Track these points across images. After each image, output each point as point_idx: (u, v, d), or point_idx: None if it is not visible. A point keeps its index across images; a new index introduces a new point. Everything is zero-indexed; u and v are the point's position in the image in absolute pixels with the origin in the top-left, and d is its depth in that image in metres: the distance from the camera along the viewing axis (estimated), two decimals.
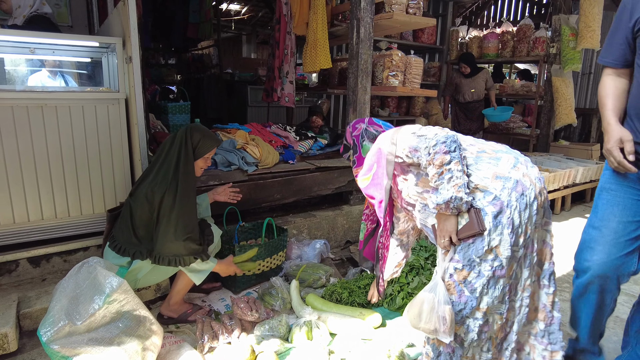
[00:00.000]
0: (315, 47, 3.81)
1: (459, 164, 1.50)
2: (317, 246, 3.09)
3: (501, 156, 1.58)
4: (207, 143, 2.26)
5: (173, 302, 2.32)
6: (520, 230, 1.51)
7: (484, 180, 1.54)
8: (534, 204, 1.51)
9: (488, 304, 1.54)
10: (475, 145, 1.66)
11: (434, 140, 1.53)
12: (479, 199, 1.53)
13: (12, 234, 2.41)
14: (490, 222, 1.50)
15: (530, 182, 1.51)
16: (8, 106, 2.34)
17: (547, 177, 4.32)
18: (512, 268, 1.54)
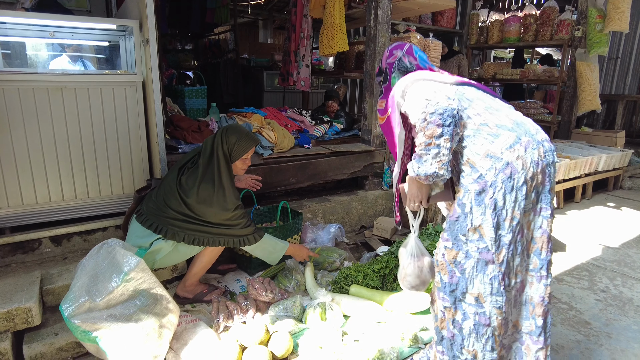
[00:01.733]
0: (332, 30, 3.76)
1: (448, 141, 1.48)
2: (332, 230, 3.10)
3: (501, 133, 1.51)
4: (243, 145, 2.26)
5: (189, 284, 2.36)
6: (505, 214, 1.49)
7: (475, 156, 1.53)
8: (522, 188, 1.47)
9: (480, 290, 1.54)
10: (481, 116, 1.56)
11: (433, 107, 1.48)
12: (466, 174, 1.55)
13: (35, 214, 2.48)
14: (472, 200, 1.51)
15: (523, 165, 1.47)
16: (29, 89, 2.37)
17: (567, 165, 4.22)
18: (502, 254, 1.51)
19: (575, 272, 2.93)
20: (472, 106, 1.58)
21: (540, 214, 1.54)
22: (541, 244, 1.55)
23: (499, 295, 1.53)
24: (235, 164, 2.29)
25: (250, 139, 2.31)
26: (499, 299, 1.53)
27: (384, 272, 2.52)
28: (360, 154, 3.60)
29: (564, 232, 3.69)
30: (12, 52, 3.55)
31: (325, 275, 2.61)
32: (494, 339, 1.57)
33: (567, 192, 4.51)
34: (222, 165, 2.21)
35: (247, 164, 2.36)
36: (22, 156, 2.39)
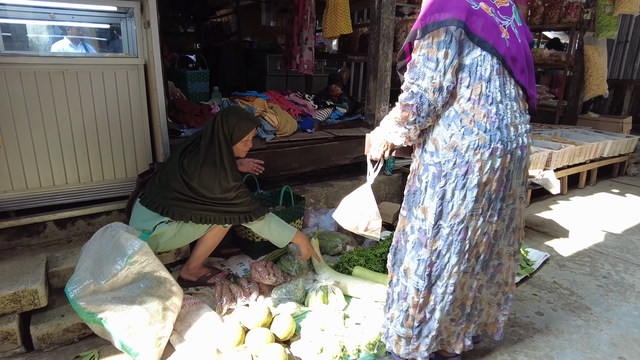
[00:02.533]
0: (336, 12, 3.70)
1: (417, 129, 1.54)
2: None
3: (475, 131, 1.48)
4: (243, 127, 2.25)
5: (193, 267, 2.38)
6: (451, 207, 1.53)
7: (442, 141, 1.53)
8: (473, 190, 1.50)
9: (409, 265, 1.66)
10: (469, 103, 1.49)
11: (416, 88, 1.47)
12: (429, 152, 1.57)
13: (39, 197, 2.49)
14: (428, 181, 1.58)
15: (480, 169, 1.49)
16: (31, 72, 2.36)
17: (572, 150, 4.19)
18: (437, 245, 1.58)
19: (577, 258, 2.93)
20: (472, 86, 1.49)
21: (488, 219, 1.57)
22: (483, 249, 1.62)
23: (421, 279, 1.62)
24: (237, 146, 2.29)
25: (251, 120, 2.30)
26: (420, 282, 1.63)
27: (386, 257, 2.53)
28: (364, 138, 3.57)
29: (566, 218, 3.68)
30: (13, 34, 3.52)
31: (328, 260, 2.62)
32: (407, 315, 1.69)
33: (572, 178, 4.49)
34: (223, 147, 2.21)
35: (248, 146, 2.35)
36: (25, 139, 2.39)
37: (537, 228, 3.44)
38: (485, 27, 1.47)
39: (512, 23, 1.58)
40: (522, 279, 2.58)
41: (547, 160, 3.99)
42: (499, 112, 1.51)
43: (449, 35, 1.43)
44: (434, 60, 1.44)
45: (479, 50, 1.48)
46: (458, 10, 1.44)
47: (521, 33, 1.61)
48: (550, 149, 4.09)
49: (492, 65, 1.49)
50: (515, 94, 1.58)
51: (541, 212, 3.80)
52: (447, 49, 1.43)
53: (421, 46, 1.47)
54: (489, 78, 1.49)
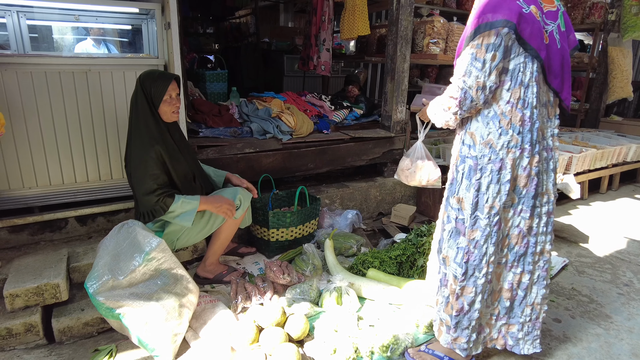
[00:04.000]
0: (354, 13, 3.70)
1: (457, 119, 1.67)
2: (349, 216, 3.11)
3: (509, 132, 1.59)
4: (159, 85, 2.09)
5: (209, 263, 2.41)
6: (486, 200, 1.63)
7: (479, 137, 1.63)
8: (506, 184, 1.61)
9: (448, 253, 1.75)
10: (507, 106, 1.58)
11: (461, 83, 1.57)
12: (467, 145, 1.68)
13: (62, 194, 2.56)
14: (464, 173, 1.68)
15: (512, 166, 1.60)
16: (56, 72, 2.43)
17: (593, 154, 4.09)
18: (475, 234, 1.66)
19: (598, 265, 2.86)
20: (511, 90, 1.58)
21: (520, 214, 1.66)
22: (515, 241, 1.69)
23: (459, 267, 1.70)
24: (162, 108, 2.13)
25: (165, 76, 2.14)
26: (458, 269, 1.70)
27: (401, 259, 2.53)
28: (380, 140, 3.57)
29: (587, 223, 3.60)
30: (39, 35, 3.62)
31: (343, 261, 2.62)
32: (447, 302, 1.76)
33: (593, 182, 4.39)
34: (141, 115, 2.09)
35: (175, 105, 2.17)
36: (49, 137, 2.47)
37: (556, 233, 3.37)
38: (532, 33, 1.54)
39: (555, 28, 1.63)
40: None
41: (567, 164, 3.91)
42: (532, 116, 1.60)
43: (499, 38, 1.51)
44: (480, 61, 1.53)
45: (522, 57, 1.56)
46: (510, 13, 1.50)
47: (563, 38, 1.66)
48: (571, 153, 4.00)
49: (532, 72, 1.58)
50: (546, 99, 1.67)
51: (560, 217, 3.72)
52: (495, 51, 1.52)
53: (471, 45, 1.55)
54: (527, 84, 1.59)
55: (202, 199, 2.18)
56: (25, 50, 2.80)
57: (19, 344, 1.91)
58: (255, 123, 3.13)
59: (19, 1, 2.55)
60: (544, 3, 1.62)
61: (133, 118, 2.14)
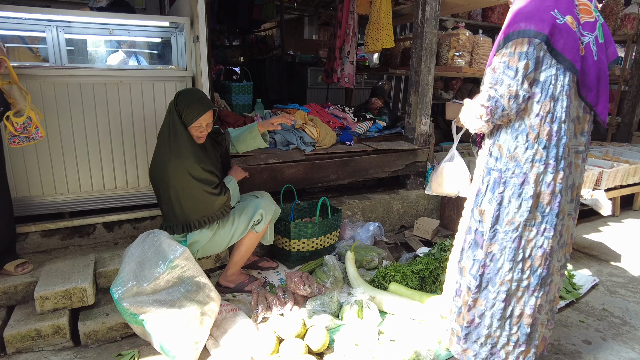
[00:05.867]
0: (378, 26, 3.72)
1: (490, 125, 1.62)
2: (371, 229, 3.08)
3: (534, 147, 1.56)
4: (193, 111, 2.09)
5: (230, 273, 2.43)
6: (507, 214, 1.61)
7: (505, 149, 1.61)
8: (528, 200, 1.57)
9: (465, 264, 1.75)
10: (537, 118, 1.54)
11: (493, 92, 1.54)
12: (495, 156, 1.65)
13: (91, 201, 2.64)
14: (489, 185, 1.66)
15: (535, 182, 1.56)
16: (89, 83, 2.53)
17: (625, 170, 3.95)
18: (493, 248, 1.64)
19: (631, 285, 2.74)
20: (541, 103, 1.53)
21: (543, 234, 1.61)
22: (539, 262, 1.63)
23: (474, 279, 1.69)
24: (190, 130, 2.14)
25: (203, 103, 2.12)
26: (472, 281, 1.69)
27: (424, 274, 2.48)
28: (403, 152, 3.55)
29: (618, 241, 3.47)
30: (75, 48, 3.78)
31: (364, 274, 2.60)
32: (460, 312, 1.75)
33: (625, 199, 4.23)
34: (172, 132, 2.11)
35: (202, 133, 2.17)
36: (80, 146, 2.56)
37: (585, 250, 3.26)
38: (566, 44, 1.50)
39: (592, 40, 1.59)
40: (567, 304, 2.45)
41: (597, 179, 3.78)
42: (560, 131, 1.56)
43: (532, 47, 1.48)
44: (513, 69, 1.49)
45: (554, 69, 1.52)
46: (542, 24, 1.48)
47: (600, 50, 1.61)
48: (601, 168, 3.88)
49: (563, 86, 1.53)
50: (575, 114, 1.61)
51: (589, 234, 3.60)
52: (528, 60, 1.49)
53: (503, 53, 1.53)
54: (557, 97, 1.54)
55: (230, 175, 2.45)
56: (63, 62, 2.92)
57: (47, 345, 1.97)
58: (278, 134, 3.16)
59: (59, 17, 2.68)
60: (581, 14, 1.58)
61: (170, 132, 2.14)
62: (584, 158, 1.69)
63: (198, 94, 2.21)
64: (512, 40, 1.51)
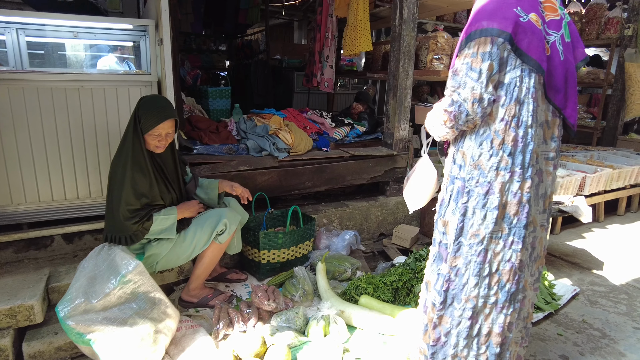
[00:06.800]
0: (355, 29, 3.64)
1: (454, 132, 1.52)
2: (347, 237, 2.98)
3: (499, 153, 1.45)
4: (151, 118, 2.01)
5: (193, 287, 2.32)
6: (471, 225, 1.50)
7: (469, 157, 1.51)
8: (494, 211, 1.47)
9: (429, 278, 1.65)
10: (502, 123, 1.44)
11: (456, 96, 1.45)
12: (459, 164, 1.55)
13: (51, 211, 2.51)
14: (452, 194, 1.56)
15: (501, 191, 1.46)
16: (47, 88, 2.41)
17: (609, 174, 3.89)
18: (457, 262, 1.54)
19: (612, 295, 2.66)
20: (506, 107, 1.43)
21: (511, 247, 1.49)
22: (507, 277, 1.51)
23: (438, 295, 1.58)
24: (146, 138, 2.06)
25: (162, 112, 2.04)
26: (437, 297, 1.58)
27: (397, 285, 2.39)
28: (381, 158, 3.46)
29: (601, 248, 3.39)
30: (46, 52, 3.66)
31: (336, 286, 2.50)
32: (425, 329, 1.65)
33: (609, 204, 4.17)
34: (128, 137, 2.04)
35: (160, 142, 2.08)
36: (39, 154, 2.43)
37: (567, 258, 3.18)
38: (531, 43, 1.40)
39: (558, 38, 1.49)
40: (545, 316, 2.36)
41: (580, 184, 3.72)
42: (526, 136, 1.45)
43: (495, 46, 1.38)
44: (476, 71, 1.40)
45: (519, 71, 1.42)
46: (505, 21, 1.38)
47: (567, 50, 1.51)
48: (584, 173, 3.81)
49: (529, 88, 1.43)
50: (543, 119, 1.51)
51: (573, 241, 3.52)
52: (492, 61, 1.39)
53: (465, 54, 1.43)
54: (523, 100, 1.44)
55: (178, 208, 2.17)
56: (24, 66, 2.81)
57: None
58: (251, 140, 3.06)
59: (18, 19, 2.57)
60: (546, 12, 1.48)
61: (125, 139, 2.08)
62: (556, 165, 1.59)
63: (161, 102, 2.13)
64: (474, 39, 1.41)
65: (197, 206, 2.29)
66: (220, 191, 2.46)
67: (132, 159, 2.04)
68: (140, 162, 2.06)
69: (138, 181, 2.04)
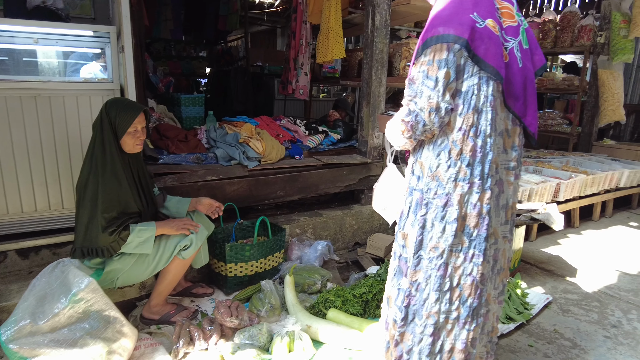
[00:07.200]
0: (328, 36, 3.60)
1: (413, 142, 1.49)
2: (319, 248, 2.92)
3: (457, 164, 1.41)
4: (126, 115, 1.98)
5: (154, 304, 2.22)
6: (430, 239, 1.46)
7: (427, 168, 1.47)
8: (453, 224, 1.42)
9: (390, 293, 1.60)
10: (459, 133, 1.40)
11: (413, 105, 1.41)
12: (417, 175, 1.51)
13: (6, 225, 2.40)
14: (411, 206, 1.52)
15: (459, 202, 1.41)
16: (1, 97, 2.31)
17: (583, 180, 3.91)
18: (417, 277, 1.49)
19: (584, 302, 2.64)
20: (464, 115, 1.39)
21: (471, 260, 1.45)
22: (468, 292, 1.46)
23: (399, 311, 1.53)
24: (124, 139, 2.01)
25: (134, 107, 2.03)
26: (397, 313, 1.53)
27: (367, 298, 2.33)
28: (355, 166, 3.41)
29: (576, 254, 3.39)
30: (10, 59, 3.53)
31: (305, 299, 2.43)
32: (387, 347, 1.60)
33: (585, 210, 4.18)
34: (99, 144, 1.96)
35: (140, 138, 2.06)
36: None
37: (541, 266, 3.16)
38: (489, 49, 1.36)
39: (516, 45, 1.45)
40: (517, 326, 2.32)
41: (554, 191, 3.72)
42: (485, 146, 1.41)
43: (451, 53, 1.34)
44: (433, 79, 1.36)
45: (477, 78, 1.38)
46: (462, 27, 1.34)
47: (525, 57, 1.47)
48: (559, 179, 3.83)
49: (487, 96, 1.39)
50: (503, 127, 1.47)
51: (548, 247, 3.52)
52: (449, 68, 1.34)
53: (422, 62, 1.39)
54: (481, 109, 1.39)
55: (157, 223, 2.09)
56: None
57: None
58: (220, 149, 2.98)
59: None
60: (503, 18, 1.45)
61: (95, 146, 2.00)
62: (517, 175, 1.55)
63: (126, 100, 2.17)
64: (430, 46, 1.37)
65: (180, 223, 2.14)
66: (191, 209, 2.39)
67: (105, 165, 1.98)
68: (115, 168, 2.00)
69: (113, 188, 1.98)
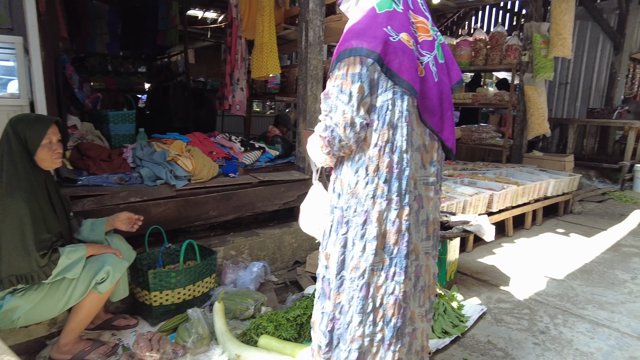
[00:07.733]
0: (262, 52, 3.55)
1: (332, 158, 1.46)
2: (255, 270, 2.79)
3: (375, 181, 1.39)
4: (38, 128, 1.85)
5: (64, 343, 1.99)
6: (351, 258, 1.42)
7: (346, 185, 1.44)
8: (373, 242, 1.39)
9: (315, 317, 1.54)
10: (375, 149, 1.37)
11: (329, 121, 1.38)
12: (337, 192, 1.47)
13: None
14: (332, 224, 1.48)
15: (379, 220, 1.38)
16: None
17: (515, 191, 4.08)
18: (341, 298, 1.43)
19: (516, 311, 2.71)
20: (379, 131, 1.37)
21: (393, 278, 1.41)
22: (392, 312, 1.42)
23: (324, 336, 1.47)
24: (39, 155, 1.86)
25: (43, 120, 1.91)
26: (322, 339, 1.47)
27: (301, 320, 2.23)
28: (294, 182, 3.34)
29: (509, 263, 3.50)
30: None
31: (236, 326, 2.29)
32: None
33: (517, 219, 4.37)
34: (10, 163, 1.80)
35: (56, 151, 1.92)
36: None
37: (477, 276, 3.23)
38: (402, 63, 1.34)
39: (432, 59, 1.44)
40: (453, 340, 2.32)
41: (488, 202, 3.85)
42: (402, 162, 1.38)
43: (364, 67, 1.31)
44: (347, 94, 1.34)
45: (391, 93, 1.36)
46: (375, 41, 1.31)
47: (441, 71, 1.46)
48: (493, 190, 3.97)
49: (402, 112, 1.37)
50: (420, 143, 1.45)
51: (484, 257, 3.61)
52: (362, 82, 1.31)
53: (336, 76, 1.37)
54: (396, 124, 1.37)
55: (87, 245, 1.98)
56: None
57: None
58: (145, 168, 2.81)
59: None
60: (418, 32, 1.44)
61: (3, 169, 1.80)
62: (437, 190, 1.54)
63: (33, 114, 2.06)
64: (343, 59, 1.34)
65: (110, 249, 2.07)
66: (108, 230, 2.20)
67: (21, 185, 1.80)
68: (32, 187, 1.83)
69: (35, 207, 1.81)
